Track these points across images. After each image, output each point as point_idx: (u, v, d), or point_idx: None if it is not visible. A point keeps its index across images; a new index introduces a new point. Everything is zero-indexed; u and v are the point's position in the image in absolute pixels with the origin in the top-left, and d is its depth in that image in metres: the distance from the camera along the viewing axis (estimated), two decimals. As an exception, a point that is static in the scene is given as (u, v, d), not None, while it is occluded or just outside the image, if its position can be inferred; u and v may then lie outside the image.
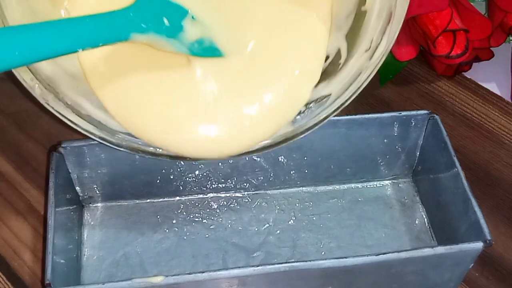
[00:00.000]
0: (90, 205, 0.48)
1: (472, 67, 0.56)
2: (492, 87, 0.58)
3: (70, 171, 0.45)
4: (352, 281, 0.40)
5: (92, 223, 0.47)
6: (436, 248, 0.39)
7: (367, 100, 0.56)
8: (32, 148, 0.52)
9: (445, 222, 0.45)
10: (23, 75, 0.38)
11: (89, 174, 0.46)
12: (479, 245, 0.39)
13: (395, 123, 0.46)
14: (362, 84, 0.40)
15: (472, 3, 0.54)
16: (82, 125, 0.40)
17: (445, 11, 0.51)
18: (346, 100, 0.41)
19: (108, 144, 0.41)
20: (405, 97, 0.56)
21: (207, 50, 0.40)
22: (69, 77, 0.40)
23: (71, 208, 0.45)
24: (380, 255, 0.38)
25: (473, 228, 0.40)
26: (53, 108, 0.39)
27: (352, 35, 0.41)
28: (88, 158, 0.45)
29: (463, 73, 0.57)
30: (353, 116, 0.46)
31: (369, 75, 0.40)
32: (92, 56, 0.40)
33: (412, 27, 0.54)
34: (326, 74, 0.42)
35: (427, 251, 0.39)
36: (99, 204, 0.48)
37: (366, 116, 0.46)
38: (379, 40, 0.40)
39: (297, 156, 0.48)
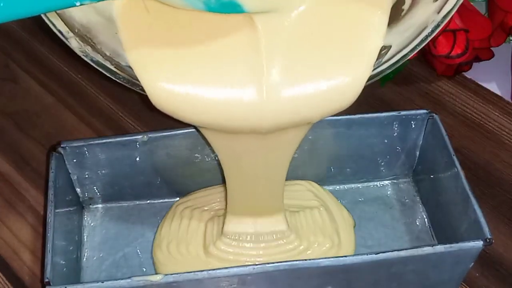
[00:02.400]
0: (90, 206, 0.48)
1: (472, 67, 0.56)
2: (492, 87, 0.57)
3: (70, 171, 0.45)
4: (352, 280, 0.40)
5: (92, 224, 0.47)
6: (436, 247, 0.39)
7: (367, 100, 0.56)
8: (31, 148, 0.52)
9: (445, 222, 0.45)
10: (59, 27, 0.35)
11: (89, 175, 0.46)
12: (479, 244, 0.39)
13: (395, 122, 0.46)
14: (426, 39, 0.36)
15: (472, 3, 0.54)
16: (123, 76, 0.37)
17: (445, 11, 0.51)
18: (406, 55, 0.36)
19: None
20: (405, 97, 0.56)
21: (226, 5, 0.35)
22: (107, 22, 0.37)
23: (71, 209, 0.45)
24: (380, 254, 0.38)
25: (473, 227, 0.40)
26: (92, 60, 0.36)
27: None
28: (88, 159, 0.45)
29: (463, 73, 0.57)
30: (353, 116, 0.46)
31: (435, 30, 0.35)
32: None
33: (412, 27, 0.54)
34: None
35: (427, 250, 0.39)
36: (99, 205, 0.48)
37: (366, 115, 0.46)
38: None
39: (296, 156, 0.47)
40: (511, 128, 0.54)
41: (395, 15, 0.37)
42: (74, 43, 0.35)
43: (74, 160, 0.45)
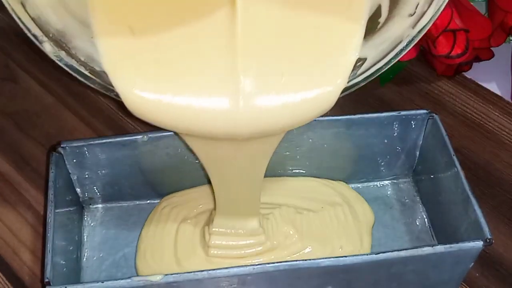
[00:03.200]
0: (90, 206, 0.48)
1: (472, 67, 0.56)
2: (492, 87, 0.58)
3: (70, 171, 0.45)
4: (352, 280, 0.40)
5: (92, 224, 0.47)
6: (436, 247, 0.39)
7: (367, 100, 0.56)
8: (31, 148, 0.52)
9: (445, 222, 0.45)
10: (34, 31, 0.35)
11: (89, 175, 0.46)
12: (479, 244, 0.39)
13: (395, 123, 0.46)
14: (401, 52, 0.36)
15: (472, 3, 0.54)
16: (98, 82, 0.36)
17: (445, 11, 0.51)
18: (381, 68, 0.37)
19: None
20: (405, 97, 0.56)
21: None
22: (82, 27, 0.37)
23: (71, 209, 0.45)
24: (380, 254, 0.38)
25: (473, 227, 0.40)
26: (66, 64, 0.36)
27: None
28: (88, 159, 0.45)
29: (463, 73, 0.57)
30: (353, 116, 0.46)
31: (410, 44, 0.36)
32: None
33: (412, 27, 0.54)
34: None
35: (427, 250, 0.39)
36: (99, 205, 0.48)
37: (366, 116, 0.46)
38: (425, 7, 0.36)
39: (296, 156, 0.48)
40: (511, 128, 0.54)
41: (371, 28, 0.37)
42: (48, 48, 0.35)
43: (74, 160, 0.45)
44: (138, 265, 0.44)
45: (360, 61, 0.36)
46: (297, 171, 0.49)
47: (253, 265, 0.38)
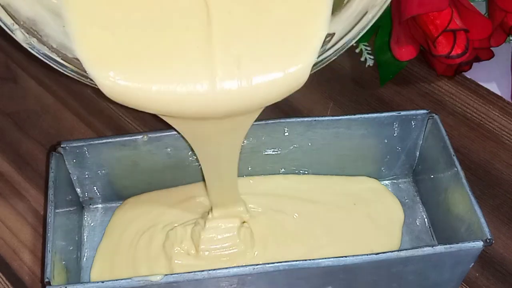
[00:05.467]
0: (90, 206, 0.48)
1: (472, 67, 0.56)
2: (492, 87, 0.57)
3: (70, 171, 0.45)
4: (352, 280, 0.40)
5: (92, 224, 0.47)
6: (436, 247, 0.39)
7: (367, 100, 0.56)
8: (31, 148, 0.52)
9: (445, 222, 0.45)
10: (4, 20, 0.36)
11: (89, 175, 0.46)
12: (479, 244, 0.39)
13: (395, 123, 0.46)
14: (367, 24, 0.37)
15: (472, 3, 0.54)
16: (71, 68, 0.37)
17: (445, 11, 0.51)
18: (349, 41, 0.37)
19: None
20: (405, 97, 0.56)
21: None
22: (54, 15, 0.37)
23: (71, 209, 0.45)
24: (380, 254, 0.38)
25: (473, 227, 0.40)
26: (38, 52, 0.36)
27: None
28: (88, 159, 0.45)
29: (463, 73, 0.57)
30: (353, 116, 0.46)
31: (375, 15, 0.37)
32: None
33: (412, 27, 0.54)
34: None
35: (427, 250, 0.39)
36: (99, 205, 0.48)
37: (366, 116, 0.46)
38: None
39: (296, 155, 0.48)
40: (511, 128, 0.54)
41: (338, 2, 0.38)
42: (20, 35, 0.36)
43: (74, 160, 0.45)
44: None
45: (329, 36, 0.37)
46: (297, 171, 0.49)
47: (253, 265, 0.38)
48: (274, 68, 0.36)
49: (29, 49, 0.36)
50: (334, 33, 0.38)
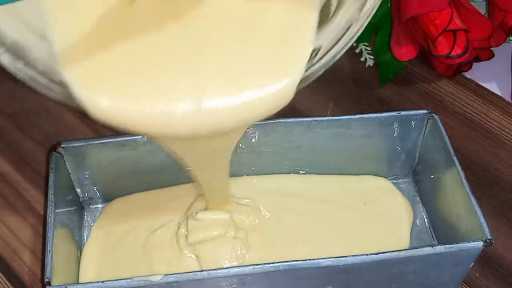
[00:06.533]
0: (90, 206, 0.48)
1: (472, 67, 0.56)
2: (492, 87, 0.57)
3: (70, 171, 0.45)
4: (352, 280, 0.40)
5: (92, 224, 0.47)
6: (436, 247, 0.39)
7: (367, 100, 0.56)
8: (31, 148, 0.52)
9: (446, 222, 0.45)
10: None
11: (89, 175, 0.46)
12: (479, 244, 0.39)
13: (395, 123, 0.46)
14: (353, 37, 0.37)
15: (472, 3, 0.54)
16: (57, 91, 0.37)
17: (445, 11, 0.51)
18: (336, 55, 0.37)
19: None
20: (405, 97, 0.56)
21: None
22: (40, 39, 0.37)
23: (71, 209, 0.45)
24: (380, 254, 0.38)
25: (473, 227, 0.40)
26: (25, 75, 0.36)
27: None
28: (88, 159, 0.45)
29: (463, 73, 0.57)
30: (353, 116, 0.46)
31: (359, 29, 0.37)
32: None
33: (412, 27, 0.54)
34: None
35: (427, 250, 0.39)
36: (99, 205, 0.48)
37: (366, 116, 0.46)
38: None
39: (296, 156, 0.48)
40: (511, 128, 0.54)
41: (323, 17, 0.38)
42: (6, 60, 0.35)
43: (74, 160, 0.45)
44: None
45: (315, 50, 0.37)
46: (298, 171, 0.49)
47: (253, 265, 0.38)
48: (260, 85, 0.36)
49: (14, 73, 0.36)
50: (320, 47, 0.37)
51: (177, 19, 0.37)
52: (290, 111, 0.54)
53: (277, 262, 0.38)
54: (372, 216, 0.47)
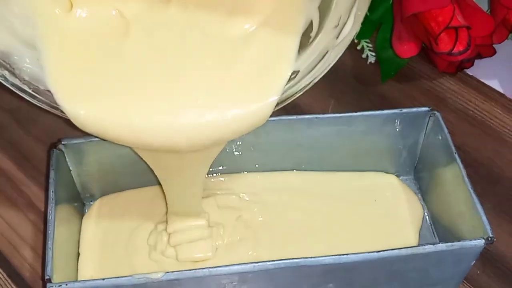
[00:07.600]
0: (91, 202, 0.48)
1: (474, 64, 0.56)
2: (495, 84, 0.57)
3: (70, 168, 0.45)
4: (353, 278, 0.40)
5: (92, 220, 0.47)
6: (438, 245, 0.39)
7: (369, 97, 0.56)
8: (32, 145, 0.52)
9: (447, 219, 0.45)
10: None
11: (90, 172, 0.46)
12: (480, 242, 0.39)
13: (396, 120, 0.46)
14: (329, 64, 0.38)
15: (474, 0, 0.54)
16: (42, 99, 0.38)
17: (447, 7, 0.51)
18: (312, 81, 0.39)
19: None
20: (407, 94, 0.56)
21: None
22: (28, 49, 0.38)
23: (71, 205, 0.45)
24: (381, 252, 0.38)
25: (475, 225, 0.40)
26: (11, 84, 0.37)
27: (324, 8, 0.39)
28: (88, 156, 0.45)
29: (465, 70, 0.57)
30: (354, 113, 0.46)
31: (336, 56, 0.38)
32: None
33: (414, 24, 0.54)
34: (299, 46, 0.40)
35: (429, 248, 0.38)
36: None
37: (367, 113, 0.46)
38: (345, 18, 0.38)
39: (297, 153, 0.47)
40: (513, 125, 0.54)
41: (304, 42, 0.39)
42: None
43: (75, 157, 0.45)
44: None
45: (293, 74, 0.38)
46: (300, 168, 0.49)
47: (254, 262, 0.38)
48: (238, 104, 0.37)
49: (1, 81, 0.37)
50: (298, 71, 0.39)
51: (163, 39, 0.38)
52: (291, 108, 0.54)
53: (278, 260, 0.38)
54: (381, 213, 0.47)
